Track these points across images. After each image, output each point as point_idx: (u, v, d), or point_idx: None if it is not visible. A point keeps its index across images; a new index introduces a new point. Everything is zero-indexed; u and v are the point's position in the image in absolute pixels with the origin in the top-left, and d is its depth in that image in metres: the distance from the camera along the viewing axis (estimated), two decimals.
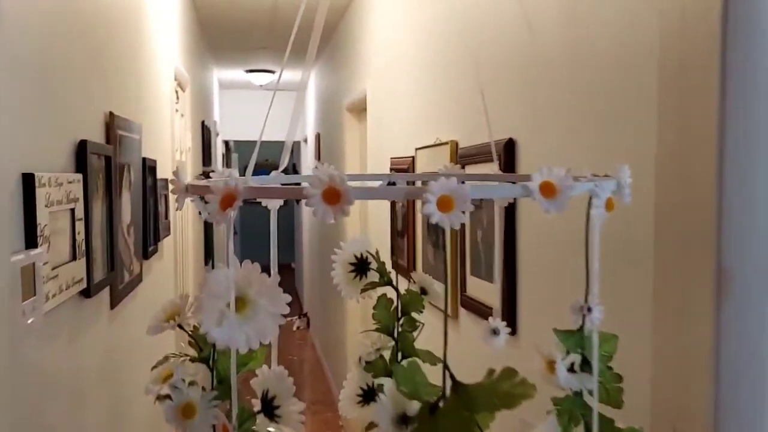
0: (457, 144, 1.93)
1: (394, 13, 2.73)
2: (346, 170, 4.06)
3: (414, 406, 0.49)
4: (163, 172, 2.26)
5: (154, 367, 0.66)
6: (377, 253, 0.91)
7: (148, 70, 2.11)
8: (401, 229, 2.64)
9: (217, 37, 4.83)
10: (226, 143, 8.02)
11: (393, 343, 0.90)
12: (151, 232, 2.01)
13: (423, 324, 0.92)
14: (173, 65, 2.70)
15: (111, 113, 1.47)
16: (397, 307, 0.89)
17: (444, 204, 0.45)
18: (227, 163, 7.82)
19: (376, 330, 0.90)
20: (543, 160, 1.38)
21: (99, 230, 1.34)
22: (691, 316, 0.85)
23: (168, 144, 2.53)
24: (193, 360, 0.66)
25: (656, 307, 0.95)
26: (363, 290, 0.90)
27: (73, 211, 1.14)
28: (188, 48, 3.64)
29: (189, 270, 3.26)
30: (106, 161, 1.41)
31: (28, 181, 0.92)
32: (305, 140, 7.12)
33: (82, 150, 1.21)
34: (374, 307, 0.89)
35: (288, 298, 0.64)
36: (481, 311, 1.70)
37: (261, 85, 6.30)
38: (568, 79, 1.20)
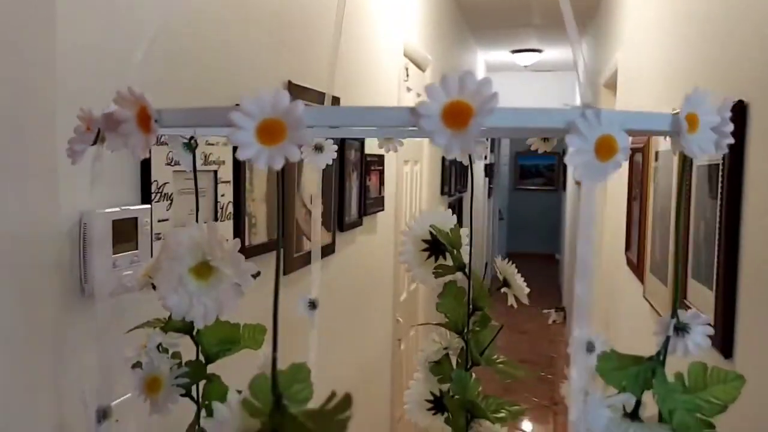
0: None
1: None
2: None
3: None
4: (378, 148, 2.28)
5: (130, 330, 0.61)
6: (457, 229, 0.74)
7: (359, 47, 2.12)
8: (636, 220, 2.28)
9: (479, 18, 4.78)
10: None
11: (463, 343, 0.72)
12: (352, 206, 2.03)
13: (501, 326, 0.72)
14: (401, 45, 2.70)
15: (289, 82, 1.49)
16: (469, 299, 0.71)
17: (267, 132, 0.29)
18: (492, 149, 7.78)
19: (443, 325, 0.73)
20: None
21: (261, 196, 1.36)
22: None
23: None
24: (165, 329, 0.58)
25: None
26: (435, 274, 0.74)
27: (215, 173, 1.16)
28: (435, 29, 3.64)
29: None
30: None
31: None
32: None
33: None
34: (439, 295, 0.73)
35: (254, 269, 0.53)
36: None
37: (525, 66, 6.09)
38: None
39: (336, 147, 0.73)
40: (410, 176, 3.04)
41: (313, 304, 0.71)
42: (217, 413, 0.35)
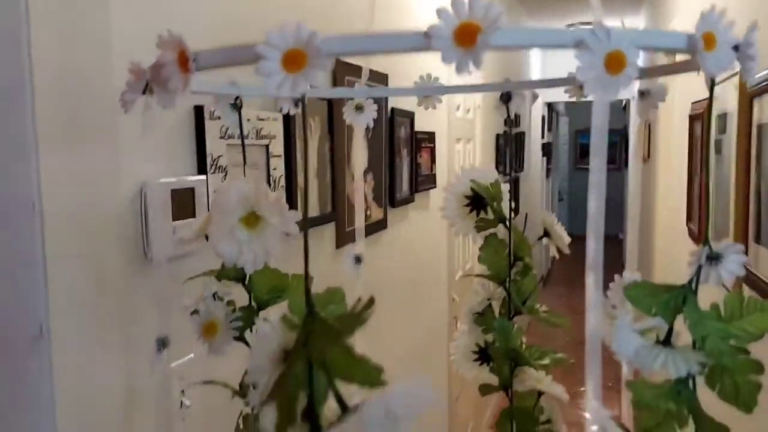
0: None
1: None
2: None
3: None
4: (427, 124, 2.29)
5: (188, 279, 0.65)
6: (497, 183, 0.76)
7: (391, 18, 2.13)
8: (696, 190, 2.21)
9: None
10: (550, 106, 7.77)
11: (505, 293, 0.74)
12: (404, 182, 2.06)
13: (541, 277, 0.73)
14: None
15: (336, 60, 1.52)
16: (510, 251, 0.73)
17: (290, 61, 0.32)
18: (549, 127, 7.62)
19: (486, 276, 0.75)
20: None
21: (312, 171, 1.40)
22: None
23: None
24: (219, 277, 0.62)
25: None
26: (477, 228, 0.76)
27: (267, 147, 1.21)
28: None
29: None
30: (328, 106, 1.46)
31: (198, 114, 1.00)
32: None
33: None
34: (480, 248, 0.74)
35: (296, 217, 0.56)
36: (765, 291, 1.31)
37: None
38: None
39: (376, 107, 0.75)
40: (462, 155, 3.04)
41: (358, 259, 0.74)
42: (259, 330, 0.39)
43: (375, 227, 1.82)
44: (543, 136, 6.65)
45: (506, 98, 0.69)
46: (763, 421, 0.45)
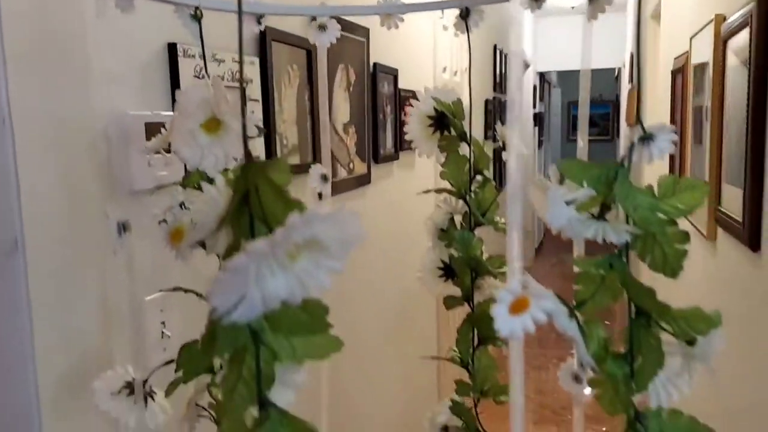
0: (724, 18, 1.52)
1: None
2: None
3: None
4: (411, 83, 2.30)
5: (156, 189, 0.67)
6: (459, 102, 0.78)
7: None
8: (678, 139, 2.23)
9: None
10: (542, 76, 7.75)
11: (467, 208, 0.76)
12: (387, 138, 2.07)
13: (499, 189, 0.76)
14: None
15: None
16: (470, 166, 0.75)
17: None
18: (542, 97, 7.60)
19: (448, 191, 0.77)
20: None
21: (291, 118, 1.42)
22: None
23: (425, 59, 2.55)
24: (184, 185, 0.64)
25: None
26: (440, 147, 0.78)
27: (243, 90, 1.22)
28: None
29: None
30: (306, 55, 1.47)
31: (172, 51, 1.01)
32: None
33: (262, 36, 1.28)
34: (443, 164, 0.76)
35: (257, 120, 0.58)
36: (735, 230, 1.34)
37: (572, 7, 5.91)
38: None
39: (339, 27, 0.77)
40: None
41: (325, 177, 0.77)
42: (206, 192, 0.41)
43: (358, 181, 1.84)
44: (534, 106, 6.65)
45: (465, 13, 0.71)
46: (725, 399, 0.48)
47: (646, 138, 0.49)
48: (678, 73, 2.18)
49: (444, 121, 0.77)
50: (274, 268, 0.33)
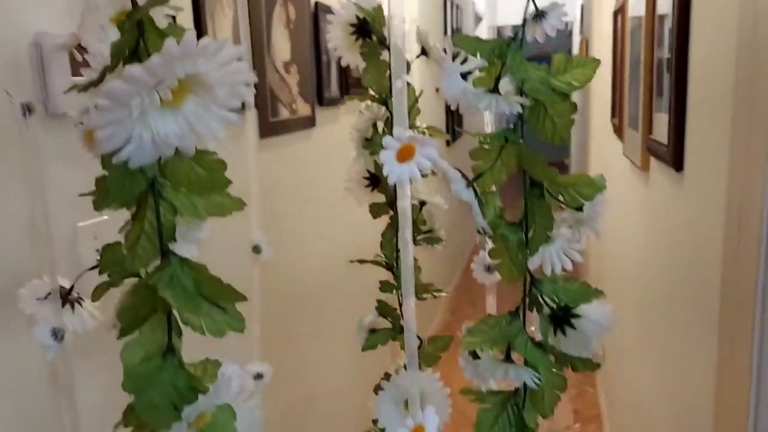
0: None
1: None
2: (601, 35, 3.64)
3: None
4: None
5: (69, 89, 0.67)
6: (380, 8, 0.78)
7: None
8: (618, 85, 2.29)
9: None
10: (499, 32, 7.73)
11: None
12: (332, 80, 2.06)
13: (421, 91, 0.78)
14: None
15: None
16: (391, 72, 0.76)
17: None
18: None
19: (370, 98, 0.79)
20: None
21: None
22: None
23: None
24: (95, 84, 0.64)
25: None
26: (361, 54, 0.79)
27: (174, 18, 1.20)
28: None
29: None
30: None
31: None
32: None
33: None
34: (364, 71, 0.78)
35: (171, 10, 0.58)
36: (663, 154, 1.40)
37: None
38: None
39: None
40: None
41: None
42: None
43: (302, 123, 1.84)
44: None
45: None
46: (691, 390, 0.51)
47: (539, 15, 0.51)
48: (618, 13, 2.23)
49: (365, 28, 0.78)
50: (159, 106, 0.34)
